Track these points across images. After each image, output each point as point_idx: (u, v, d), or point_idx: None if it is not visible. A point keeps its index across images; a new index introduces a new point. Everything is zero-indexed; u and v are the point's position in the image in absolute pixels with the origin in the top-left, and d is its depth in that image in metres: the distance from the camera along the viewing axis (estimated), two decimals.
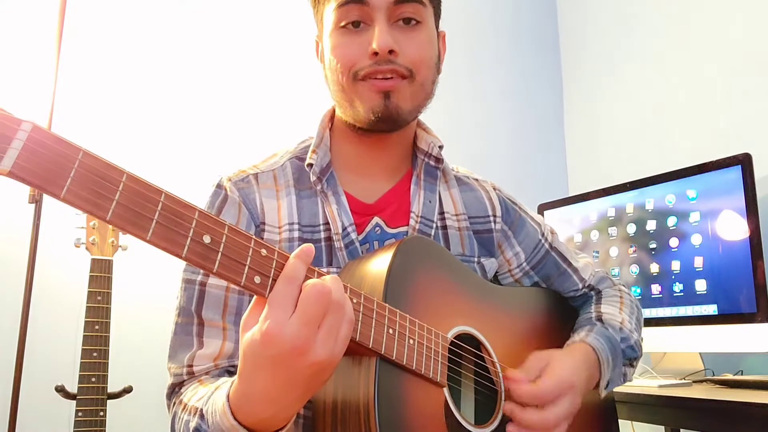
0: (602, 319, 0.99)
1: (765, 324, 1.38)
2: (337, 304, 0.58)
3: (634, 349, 0.98)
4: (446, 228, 0.95)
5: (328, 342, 0.57)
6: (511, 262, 1.02)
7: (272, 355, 0.56)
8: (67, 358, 1.65)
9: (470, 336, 0.84)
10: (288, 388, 0.58)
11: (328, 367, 0.59)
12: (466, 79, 2.36)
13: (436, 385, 0.75)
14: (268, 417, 0.61)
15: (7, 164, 0.45)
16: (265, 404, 0.60)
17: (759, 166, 1.46)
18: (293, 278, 0.58)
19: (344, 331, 0.59)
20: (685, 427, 1.49)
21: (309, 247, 0.60)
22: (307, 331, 0.56)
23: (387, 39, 0.82)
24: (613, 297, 1.06)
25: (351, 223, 0.87)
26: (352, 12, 0.84)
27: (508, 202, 1.04)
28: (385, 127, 0.88)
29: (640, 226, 1.70)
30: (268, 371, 0.57)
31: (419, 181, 0.95)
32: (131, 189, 0.52)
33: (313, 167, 0.89)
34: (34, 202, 1.57)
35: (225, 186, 0.89)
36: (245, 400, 0.61)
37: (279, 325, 0.55)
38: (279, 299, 0.57)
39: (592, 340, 0.93)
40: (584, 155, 2.42)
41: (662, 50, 2.08)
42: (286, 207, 0.88)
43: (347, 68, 0.85)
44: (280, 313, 0.56)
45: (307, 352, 0.56)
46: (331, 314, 0.58)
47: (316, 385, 0.60)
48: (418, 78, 0.86)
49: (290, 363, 0.56)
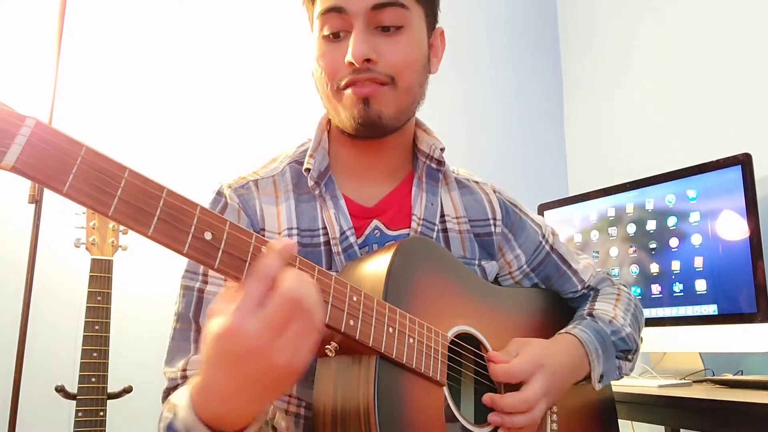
0: (593, 314, 1.00)
1: (765, 324, 1.38)
2: (306, 312, 0.55)
3: (626, 342, 0.97)
4: (447, 231, 0.95)
5: (287, 350, 0.54)
6: (512, 265, 1.02)
7: (228, 351, 0.54)
8: (67, 358, 1.65)
9: (470, 335, 0.84)
10: (243, 386, 0.56)
11: (287, 376, 0.56)
12: (466, 79, 2.36)
13: (436, 384, 0.75)
14: (225, 413, 0.59)
15: (10, 159, 0.46)
16: (221, 400, 0.58)
17: (759, 166, 1.46)
18: (264, 276, 0.55)
19: (309, 341, 0.56)
20: (685, 427, 1.49)
21: (292, 244, 0.58)
22: (267, 336, 0.53)
23: (362, 48, 0.81)
24: (610, 295, 1.06)
25: (350, 227, 0.87)
26: (332, 20, 0.84)
27: (509, 204, 1.04)
28: (370, 133, 0.87)
29: (640, 226, 1.70)
30: (225, 366, 0.55)
31: (421, 184, 0.94)
32: (133, 185, 0.52)
33: (310, 172, 0.88)
34: (34, 202, 1.57)
35: (225, 193, 0.89)
36: (204, 393, 0.59)
37: (240, 322, 0.53)
38: (246, 296, 0.54)
39: (578, 331, 0.94)
40: (584, 155, 2.42)
41: (662, 50, 2.08)
42: (285, 212, 0.88)
43: (330, 78, 0.85)
44: (244, 310, 0.53)
45: (263, 356, 0.53)
46: (297, 322, 0.55)
47: (275, 389, 0.59)
48: (401, 83, 0.85)
49: (245, 363, 0.54)
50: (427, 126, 0.99)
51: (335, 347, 0.70)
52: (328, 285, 0.65)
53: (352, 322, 0.66)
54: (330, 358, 0.71)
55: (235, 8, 2.04)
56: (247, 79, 2.02)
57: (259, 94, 2.03)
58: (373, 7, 0.82)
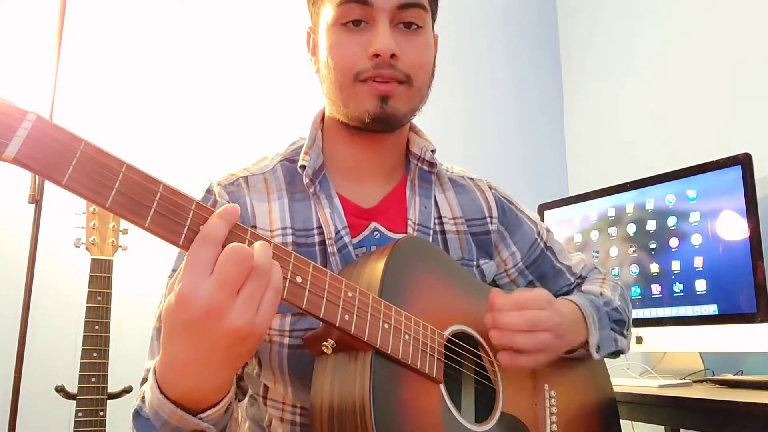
0: (582, 291, 1.01)
1: (765, 324, 1.38)
2: (261, 269, 0.55)
3: (619, 312, 0.97)
4: (445, 233, 0.94)
5: (247, 309, 0.54)
6: (507, 262, 1.02)
7: (186, 319, 0.53)
8: (67, 358, 1.65)
9: (467, 336, 0.84)
10: (205, 356, 0.55)
11: (249, 337, 0.55)
12: (466, 79, 2.37)
13: (432, 381, 0.74)
14: (190, 388, 0.58)
15: (12, 151, 0.48)
16: (185, 374, 0.57)
17: (759, 166, 1.46)
18: (210, 238, 0.54)
19: (269, 299, 0.55)
20: (685, 427, 1.49)
21: (234, 206, 0.57)
22: (223, 295, 0.53)
23: (390, 42, 0.81)
24: (596, 279, 1.06)
25: (344, 227, 0.86)
26: (353, 11, 0.83)
27: (504, 201, 1.03)
28: (379, 128, 0.87)
29: (640, 226, 1.69)
30: (185, 337, 0.54)
31: (414, 187, 0.94)
32: (130, 179, 0.53)
33: (306, 169, 0.88)
34: (34, 202, 1.57)
35: (214, 191, 0.88)
36: (167, 369, 0.59)
37: (192, 287, 0.52)
38: (194, 260, 0.53)
39: (573, 297, 0.94)
40: (584, 155, 2.42)
41: (662, 50, 2.08)
42: (278, 210, 0.87)
43: (348, 68, 0.83)
44: (194, 274, 0.53)
45: (222, 317, 0.53)
46: (253, 279, 0.54)
47: (237, 356, 0.57)
48: (415, 83, 0.85)
49: (205, 328, 0.53)
50: (419, 128, 0.99)
51: (332, 344, 0.70)
52: (323, 281, 0.65)
53: (347, 317, 0.66)
54: (327, 355, 0.71)
55: (233, 5, 2.05)
56: (241, 76, 2.02)
57: (253, 90, 2.03)
58: (399, 6, 0.83)
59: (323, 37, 0.87)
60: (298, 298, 0.62)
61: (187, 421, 0.60)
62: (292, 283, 0.62)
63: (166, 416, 0.61)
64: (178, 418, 0.60)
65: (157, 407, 0.61)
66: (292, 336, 0.82)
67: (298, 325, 0.82)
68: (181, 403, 0.59)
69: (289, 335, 0.82)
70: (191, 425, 0.61)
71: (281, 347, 0.82)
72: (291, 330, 0.82)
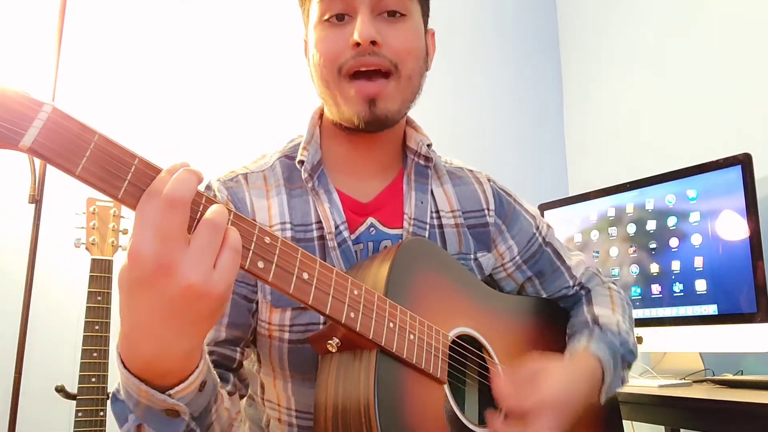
0: (599, 322, 0.97)
1: (765, 324, 1.38)
2: (210, 222, 0.52)
3: (633, 353, 0.97)
4: (442, 227, 0.94)
5: (199, 263, 0.51)
6: (504, 256, 1.01)
7: (136, 276, 0.51)
8: (67, 358, 1.65)
9: (471, 338, 0.84)
10: (160, 316, 0.52)
11: (206, 296, 0.52)
12: (466, 78, 2.37)
13: (436, 382, 0.75)
14: (151, 357, 0.55)
15: (27, 141, 0.49)
16: (144, 340, 0.54)
17: (759, 166, 1.46)
18: (154, 192, 0.51)
19: (226, 258, 0.53)
20: (685, 427, 1.49)
21: (184, 163, 0.54)
22: (169, 247, 0.50)
23: (369, 29, 0.81)
24: (604, 296, 1.04)
25: (343, 222, 0.86)
26: (335, 4, 0.83)
27: (503, 194, 1.03)
28: (372, 129, 0.87)
29: (640, 226, 1.70)
30: (139, 296, 0.52)
31: (410, 182, 0.94)
32: (142, 171, 0.53)
33: (304, 164, 0.88)
34: (34, 202, 1.57)
35: (213, 187, 0.89)
36: (127, 341, 0.56)
37: (138, 242, 0.50)
38: (141, 216, 0.51)
39: (595, 348, 0.90)
40: (584, 155, 2.42)
41: (662, 50, 2.08)
42: (276, 206, 0.87)
43: (331, 62, 0.83)
44: (141, 231, 0.50)
45: (172, 272, 0.50)
46: (203, 233, 0.52)
47: (196, 318, 0.53)
48: (403, 71, 0.84)
49: (156, 285, 0.51)
50: (416, 123, 0.99)
51: (337, 343, 0.70)
52: (329, 278, 0.65)
53: (352, 314, 0.66)
54: (332, 354, 0.72)
55: (233, 4, 2.05)
56: (240, 74, 2.02)
57: (252, 88, 2.03)
58: None
59: (311, 36, 0.88)
60: (304, 294, 0.62)
61: (153, 397, 0.57)
62: (299, 279, 0.62)
63: (135, 394, 0.58)
64: (145, 394, 0.57)
65: (125, 385, 0.59)
66: (293, 331, 0.82)
67: (298, 320, 0.82)
68: (145, 378, 0.57)
69: (290, 330, 0.82)
70: (160, 403, 0.58)
71: (281, 342, 0.82)
72: (291, 325, 0.82)
